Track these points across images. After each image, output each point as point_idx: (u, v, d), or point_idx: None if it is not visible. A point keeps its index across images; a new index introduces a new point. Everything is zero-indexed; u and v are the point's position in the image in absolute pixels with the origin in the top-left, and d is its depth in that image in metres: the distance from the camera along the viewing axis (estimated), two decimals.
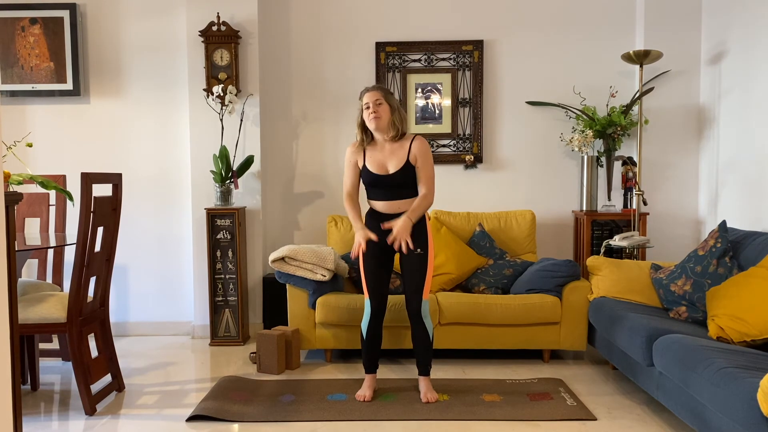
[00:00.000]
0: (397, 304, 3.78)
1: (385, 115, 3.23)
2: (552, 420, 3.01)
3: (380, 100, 3.23)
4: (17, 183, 3.07)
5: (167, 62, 4.65)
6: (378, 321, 3.34)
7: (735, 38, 4.14)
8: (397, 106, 3.28)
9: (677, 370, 2.65)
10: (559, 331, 3.86)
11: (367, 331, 3.33)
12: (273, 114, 4.77)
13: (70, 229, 4.19)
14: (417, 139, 3.28)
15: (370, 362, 3.37)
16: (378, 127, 3.24)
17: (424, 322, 3.25)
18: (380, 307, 3.31)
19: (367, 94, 3.26)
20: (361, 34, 4.73)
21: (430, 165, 3.28)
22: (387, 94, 3.27)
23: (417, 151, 3.25)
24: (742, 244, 3.45)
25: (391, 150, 3.28)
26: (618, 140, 4.49)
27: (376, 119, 3.22)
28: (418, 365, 3.33)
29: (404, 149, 3.25)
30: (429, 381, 3.32)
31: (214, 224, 4.38)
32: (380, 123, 3.23)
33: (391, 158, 3.26)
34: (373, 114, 3.22)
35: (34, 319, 3.13)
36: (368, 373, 3.37)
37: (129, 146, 4.70)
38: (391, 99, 3.27)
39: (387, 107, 3.24)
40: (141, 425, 3.02)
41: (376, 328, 3.34)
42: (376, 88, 3.28)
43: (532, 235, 4.45)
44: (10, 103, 4.65)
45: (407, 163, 3.23)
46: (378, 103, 3.23)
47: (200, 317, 4.61)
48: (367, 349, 3.35)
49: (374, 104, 3.22)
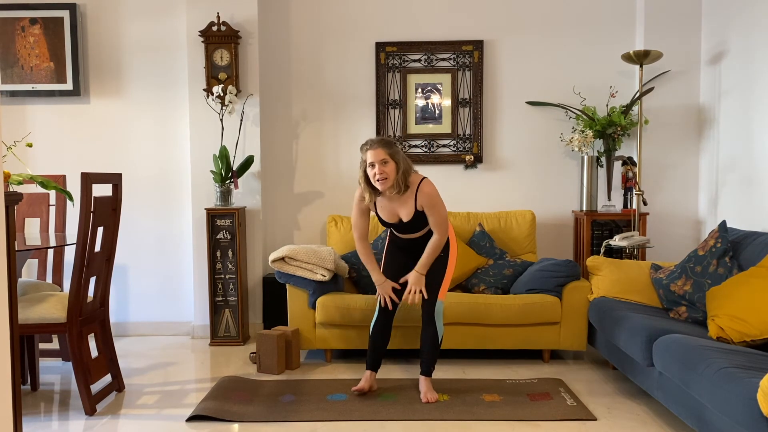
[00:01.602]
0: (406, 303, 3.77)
1: (392, 175, 3.14)
2: (552, 420, 3.01)
3: (386, 159, 3.12)
4: (17, 183, 3.07)
5: (167, 62, 4.65)
6: (386, 319, 3.36)
7: (735, 38, 4.14)
8: (401, 160, 3.17)
9: (677, 370, 2.65)
10: (559, 331, 3.86)
11: (374, 327, 3.38)
12: (273, 114, 4.77)
13: (70, 229, 4.19)
14: (420, 191, 3.19)
15: (372, 360, 3.38)
16: (385, 187, 3.17)
17: (436, 323, 3.28)
18: (393, 306, 3.35)
19: (371, 152, 3.13)
20: (361, 34, 4.73)
21: (438, 210, 3.22)
22: (392, 150, 3.14)
23: (422, 201, 3.21)
24: (742, 244, 3.45)
25: (399, 201, 3.25)
26: (618, 140, 4.49)
27: (383, 181, 3.13)
28: (422, 365, 3.33)
29: (412, 199, 3.23)
30: (430, 381, 3.32)
31: (214, 224, 4.38)
32: (387, 184, 3.15)
33: (401, 208, 3.27)
34: (379, 176, 3.13)
35: (34, 319, 3.13)
36: (367, 369, 3.39)
37: (129, 146, 4.70)
38: (396, 155, 3.15)
39: (393, 165, 3.14)
40: (141, 425, 3.02)
41: (384, 326, 3.36)
42: (381, 145, 3.13)
43: (532, 235, 4.45)
44: (10, 103, 4.65)
45: (416, 211, 3.24)
46: (384, 162, 3.12)
47: (200, 317, 4.61)
48: (371, 345, 3.38)
49: (380, 164, 3.12)
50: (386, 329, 3.37)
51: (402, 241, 3.41)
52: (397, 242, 3.44)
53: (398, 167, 3.15)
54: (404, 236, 3.38)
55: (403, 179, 3.17)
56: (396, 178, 3.15)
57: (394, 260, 3.44)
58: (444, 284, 3.31)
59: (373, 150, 3.13)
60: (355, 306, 3.79)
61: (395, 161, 3.14)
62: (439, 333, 3.30)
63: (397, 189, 3.18)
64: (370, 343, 3.39)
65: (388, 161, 3.13)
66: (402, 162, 3.17)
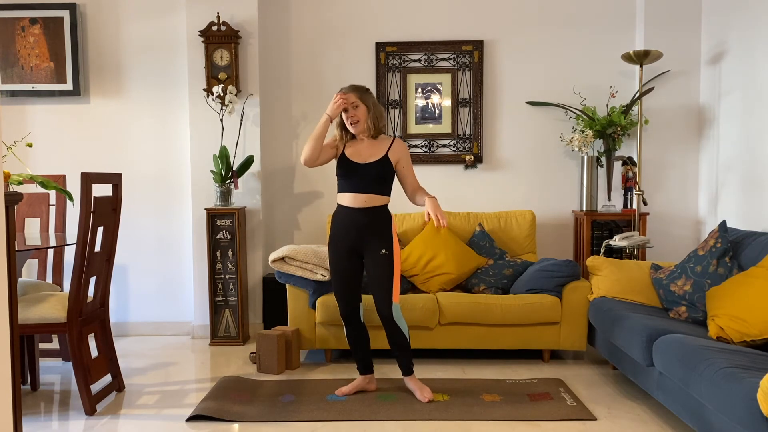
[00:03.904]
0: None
1: (363, 118, 3.23)
2: (552, 420, 3.01)
3: (356, 102, 3.23)
4: (17, 183, 3.07)
5: (167, 62, 4.65)
6: (352, 327, 3.34)
7: (735, 38, 4.14)
8: (372, 105, 3.27)
9: (677, 370, 2.65)
10: (559, 331, 3.86)
11: (347, 336, 3.40)
12: (273, 114, 4.77)
13: (70, 229, 4.19)
14: (399, 141, 3.31)
15: (359, 364, 3.41)
16: (358, 130, 3.26)
17: (398, 325, 3.23)
18: (349, 310, 3.31)
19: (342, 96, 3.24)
20: (361, 34, 4.73)
21: (411, 166, 3.35)
22: (362, 94, 3.25)
23: (400, 152, 3.28)
24: (742, 244, 3.45)
25: (370, 144, 3.29)
26: (618, 140, 4.49)
27: (355, 123, 3.24)
28: (401, 366, 3.34)
29: (384, 146, 3.27)
30: (416, 379, 3.33)
31: (214, 224, 4.38)
32: (359, 126, 3.25)
33: (371, 150, 3.26)
34: (350, 119, 3.23)
35: (34, 319, 3.13)
36: (360, 374, 3.40)
37: (129, 146, 4.70)
38: (366, 98, 3.26)
39: (363, 108, 3.24)
40: (141, 425, 3.02)
41: (355, 333, 3.35)
42: (352, 90, 3.25)
43: (532, 235, 4.45)
44: (10, 103, 4.65)
45: (385, 157, 3.23)
46: (354, 105, 3.23)
47: (200, 317, 4.61)
48: (353, 352, 3.41)
49: (351, 107, 3.23)
50: (357, 333, 3.35)
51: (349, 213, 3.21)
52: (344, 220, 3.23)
53: (369, 110, 3.25)
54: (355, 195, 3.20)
55: (375, 121, 3.26)
56: (367, 120, 3.24)
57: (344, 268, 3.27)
58: (395, 287, 3.19)
59: (344, 94, 3.24)
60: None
61: (365, 105, 3.25)
62: (405, 333, 3.26)
63: (368, 131, 3.25)
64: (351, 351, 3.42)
65: (358, 105, 3.24)
66: (373, 107, 3.27)
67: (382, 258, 3.19)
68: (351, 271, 3.28)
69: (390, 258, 3.19)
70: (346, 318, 3.32)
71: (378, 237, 3.21)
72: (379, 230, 3.22)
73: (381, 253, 3.19)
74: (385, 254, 3.19)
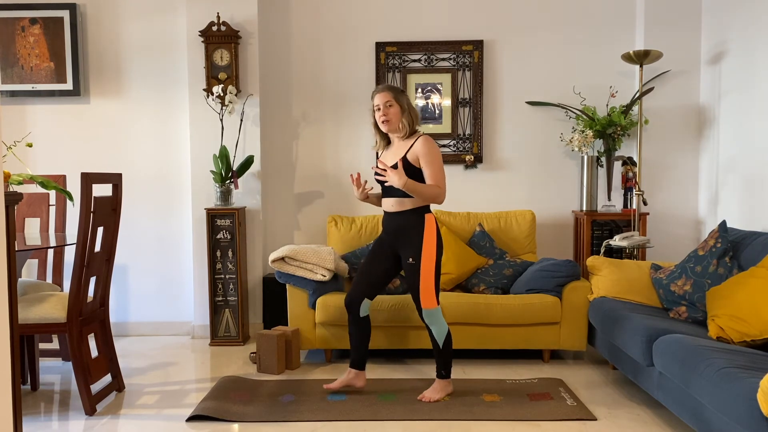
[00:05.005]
0: (397, 304, 3.78)
1: (395, 118, 3.21)
2: (552, 420, 3.01)
3: (390, 101, 3.22)
4: (17, 183, 3.07)
5: (167, 62, 4.65)
6: (352, 317, 3.33)
7: (735, 38, 4.14)
8: (407, 106, 3.25)
9: (677, 370, 2.65)
10: (559, 331, 3.86)
11: (347, 325, 3.39)
12: (273, 114, 4.77)
13: (70, 229, 4.19)
14: (422, 138, 3.19)
15: (351, 356, 3.39)
16: (389, 129, 3.25)
17: (431, 328, 3.23)
18: (352, 298, 3.30)
19: (378, 95, 3.25)
20: (361, 34, 4.73)
21: (435, 165, 3.15)
22: (397, 94, 3.24)
23: (419, 150, 3.16)
24: (742, 244, 3.45)
25: (398, 146, 3.28)
26: (618, 140, 4.49)
27: (386, 122, 3.22)
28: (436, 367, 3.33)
29: (407, 146, 3.23)
30: (439, 383, 3.30)
31: (214, 224, 4.38)
32: (391, 126, 3.23)
33: (397, 153, 3.26)
34: (383, 117, 3.22)
35: (34, 319, 3.13)
36: (350, 367, 3.39)
37: (129, 146, 4.70)
38: (401, 99, 3.24)
39: (397, 108, 3.22)
40: (141, 425, 3.02)
41: (355, 324, 3.33)
42: (386, 89, 3.25)
43: (532, 235, 4.45)
44: (10, 103, 4.65)
45: (404, 159, 3.17)
46: (388, 105, 3.22)
47: (200, 317, 4.61)
48: (350, 342, 3.40)
49: (384, 106, 3.21)
50: (356, 326, 3.33)
51: (385, 216, 3.28)
52: (383, 223, 3.31)
53: (403, 110, 3.22)
54: (385, 199, 3.25)
55: (410, 122, 3.23)
56: (400, 120, 3.22)
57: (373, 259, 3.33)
58: (424, 293, 3.15)
59: (379, 93, 3.25)
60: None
61: (399, 104, 3.22)
62: (436, 337, 3.23)
63: (402, 132, 3.24)
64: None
65: (392, 104, 3.22)
66: (408, 107, 3.25)
67: (408, 267, 3.19)
68: (378, 264, 3.32)
69: (416, 267, 3.15)
70: (347, 304, 3.33)
71: (408, 243, 3.18)
72: (410, 235, 3.18)
73: (408, 262, 3.19)
74: (412, 263, 3.17)
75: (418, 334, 3.82)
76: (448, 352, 3.27)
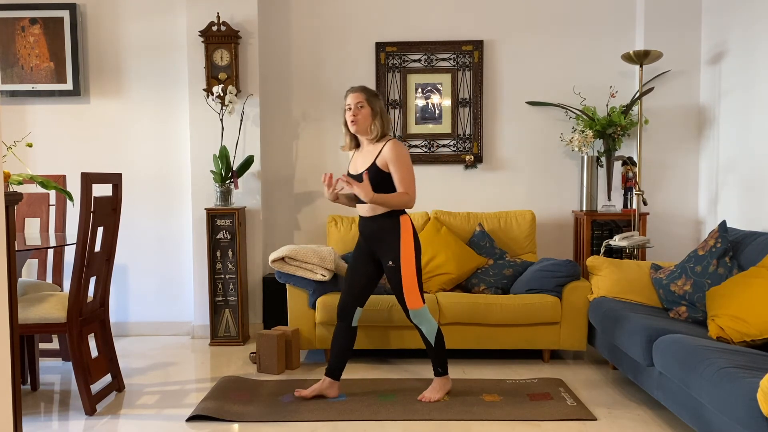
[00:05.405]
0: (396, 304, 3.78)
1: (363, 120, 3.17)
2: (552, 420, 3.01)
3: (362, 102, 3.17)
4: (17, 183, 3.07)
5: (167, 62, 4.65)
6: (341, 325, 3.29)
7: (735, 38, 4.14)
8: (379, 110, 3.20)
9: (677, 370, 2.65)
10: (559, 331, 3.86)
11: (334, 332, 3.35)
12: (273, 114, 4.77)
13: (70, 229, 4.19)
14: (390, 142, 3.15)
15: (329, 364, 3.32)
16: (356, 130, 3.20)
17: (420, 328, 3.22)
18: (345, 304, 3.28)
19: (351, 95, 3.20)
20: (361, 34, 4.73)
21: (403, 169, 3.12)
22: (370, 97, 3.19)
23: (387, 154, 3.12)
24: (742, 244, 3.45)
25: (367, 151, 3.24)
26: (618, 140, 4.49)
27: (354, 123, 3.18)
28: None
29: (376, 151, 3.18)
30: (438, 382, 3.29)
31: (214, 224, 4.38)
32: (358, 127, 3.19)
33: (365, 158, 3.22)
34: (352, 117, 3.18)
35: (34, 319, 3.13)
36: (325, 375, 3.32)
37: (129, 146, 4.70)
38: (374, 102, 3.19)
39: (368, 111, 3.18)
40: (141, 425, 3.02)
41: (341, 332, 3.29)
42: (361, 90, 3.20)
43: (532, 235, 4.45)
44: (10, 103, 4.65)
45: (374, 165, 3.15)
46: (360, 106, 3.18)
47: (200, 317, 4.61)
48: (330, 349, 3.35)
49: (355, 107, 3.18)
50: (341, 333, 3.29)
51: (361, 223, 3.28)
52: (360, 226, 3.30)
53: (374, 113, 3.18)
54: (362, 206, 3.23)
55: (380, 125, 3.18)
56: (370, 123, 3.18)
57: (355, 267, 3.31)
58: (408, 294, 3.14)
59: (352, 93, 3.20)
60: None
61: (371, 107, 3.19)
62: (427, 335, 3.22)
63: (372, 134, 3.19)
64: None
65: (364, 106, 3.17)
66: (380, 111, 3.20)
67: (390, 270, 3.18)
68: (361, 269, 3.30)
69: (396, 270, 3.15)
70: (339, 312, 3.30)
71: (386, 247, 3.17)
72: (387, 239, 3.17)
73: (389, 265, 3.18)
74: (392, 266, 3.16)
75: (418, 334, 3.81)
76: (441, 349, 3.27)
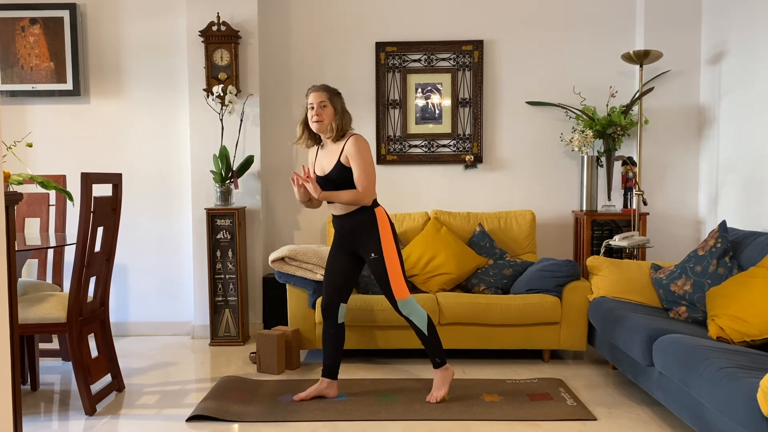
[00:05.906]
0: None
1: (327, 119, 3.16)
2: (552, 420, 3.01)
3: (325, 102, 3.16)
4: (17, 183, 3.07)
5: (167, 62, 4.65)
6: (328, 324, 3.28)
7: (735, 38, 4.14)
8: (341, 109, 3.19)
9: (677, 370, 2.65)
10: (559, 331, 3.86)
11: (321, 333, 3.33)
12: (273, 114, 4.77)
13: (70, 229, 4.19)
14: (352, 138, 3.15)
15: (324, 365, 3.32)
16: (319, 129, 3.18)
17: (411, 319, 3.21)
18: (327, 303, 3.27)
19: (313, 94, 3.17)
20: (361, 34, 4.73)
21: (363, 164, 3.12)
22: (332, 96, 3.18)
23: (348, 151, 3.12)
24: (742, 244, 3.45)
25: (329, 151, 3.23)
26: (618, 140, 4.49)
27: (318, 122, 3.16)
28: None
29: (339, 149, 3.17)
30: (439, 374, 3.26)
31: (214, 224, 4.38)
32: (321, 126, 3.17)
33: (328, 159, 3.21)
34: (315, 116, 3.15)
35: (34, 319, 3.13)
36: (322, 376, 3.32)
37: (129, 146, 4.70)
38: (336, 101, 3.18)
39: (331, 110, 3.16)
40: (141, 425, 3.02)
41: (330, 331, 3.28)
42: (322, 89, 3.18)
43: (532, 235, 4.45)
44: (10, 103, 4.65)
45: (338, 163, 3.14)
46: (322, 105, 3.16)
47: (200, 317, 4.61)
48: (323, 351, 3.33)
49: (318, 106, 3.15)
50: (330, 331, 3.28)
51: (335, 221, 3.29)
52: (336, 225, 3.29)
53: (336, 112, 3.17)
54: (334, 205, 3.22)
55: (340, 124, 3.16)
56: (331, 122, 3.16)
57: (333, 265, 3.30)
58: (394, 285, 3.15)
59: (314, 92, 3.17)
60: (355, 306, 3.79)
61: (333, 106, 3.18)
62: (419, 325, 3.20)
63: (331, 133, 3.17)
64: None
65: (326, 105, 3.16)
66: (341, 109, 3.20)
67: (373, 262, 3.17)
68: (338, 266, 3.28)
69: (380, 261, 3.15)
70: (323, 311, 3.29)
71: (367, 240, 3.17)
72: (366, 233, 3.17)
73: (372, 257, 3.17)
74: (375, 258, 3.16)
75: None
76: (434, 336, 3.24)
